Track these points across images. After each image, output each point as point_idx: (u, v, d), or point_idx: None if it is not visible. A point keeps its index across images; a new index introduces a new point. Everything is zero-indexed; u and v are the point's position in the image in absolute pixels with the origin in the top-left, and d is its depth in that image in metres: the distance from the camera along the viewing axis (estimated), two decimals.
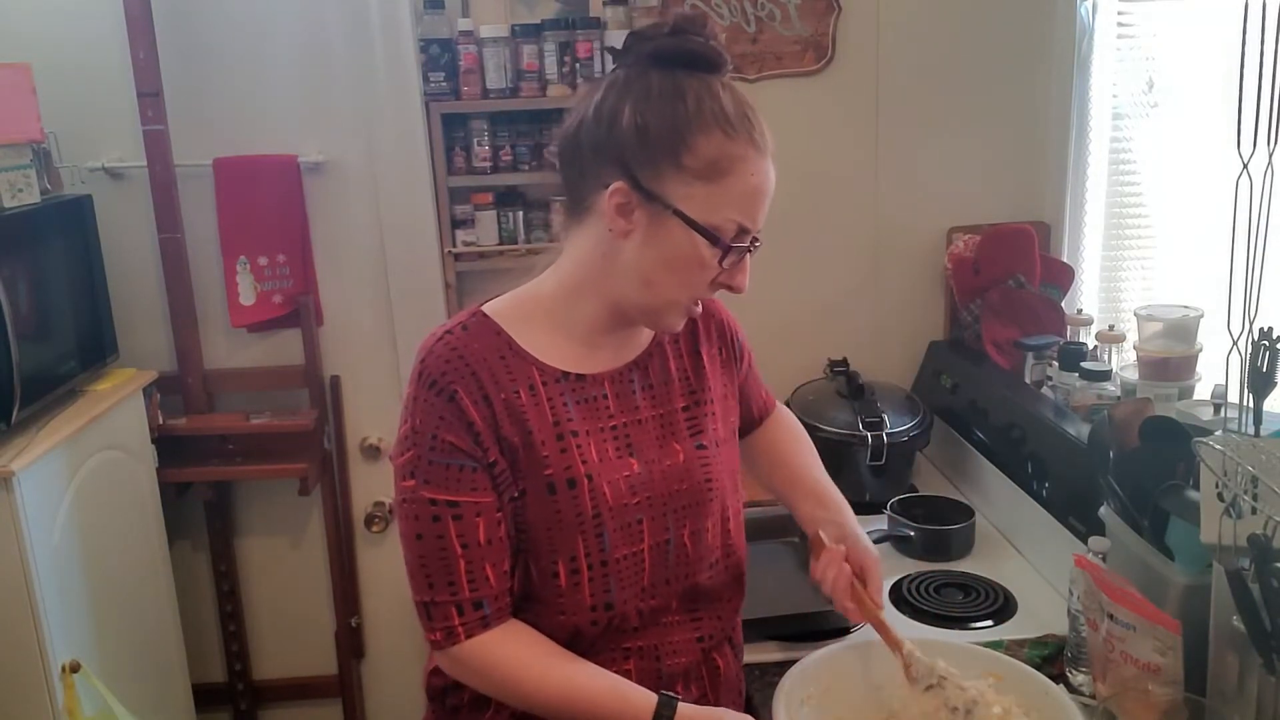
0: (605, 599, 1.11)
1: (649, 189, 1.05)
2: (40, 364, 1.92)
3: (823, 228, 2.35)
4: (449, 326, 1.11)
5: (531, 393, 1.09)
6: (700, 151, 1.03)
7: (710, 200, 1.05)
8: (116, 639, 2.04)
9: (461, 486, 1.06)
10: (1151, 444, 1.35)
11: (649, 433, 1.16)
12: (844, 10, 2.24)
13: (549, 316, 1.13)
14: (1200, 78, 2.08)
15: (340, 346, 2.37)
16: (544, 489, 1.08)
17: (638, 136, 1.04)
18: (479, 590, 1.07)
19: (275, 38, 2.21)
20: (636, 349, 1.19)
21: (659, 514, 1.14)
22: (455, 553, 1.06)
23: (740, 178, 1.05)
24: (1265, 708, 1.09)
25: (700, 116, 1.04)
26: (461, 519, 1.06)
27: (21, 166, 1.94)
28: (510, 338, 1.10)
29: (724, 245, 1.06)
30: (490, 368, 1.08)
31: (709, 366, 1.24)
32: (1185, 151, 2.14)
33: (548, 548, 1.09)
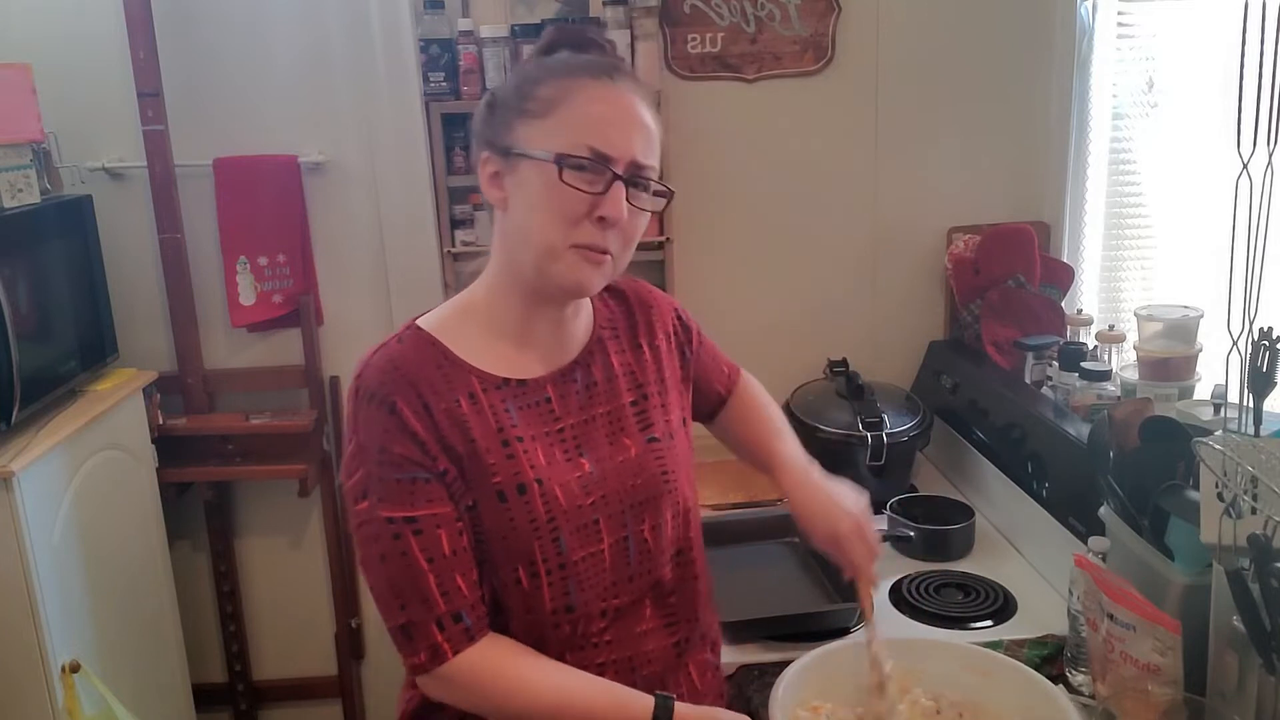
0: (565, 601, 1.10)
1: (502, 145, 1.07)
2: (40, 364, 1.92)
3: (823, 228, 2.35)
4: (383, 342, 1.10)
5: (472, 401, 1.07)
6: (540, 95, 1.06)
7: (552, 130, 1.04)
8: (116, 639, 2.04)
9: (417, 499, 1.03)
10: (1151, 444, 1.35)
11: (599, 431, 1.14)
12: (844, 10, 2.24)
13: (483, 323, 1.12)
14: (1200, 78, 2.08)
15: (340, 346, 2.37)
16: (494, 497, 1.06)
17: (491, 106, 1.10)
18: (454, 602, 1.04)
19: (275, 38, 2.21)
20: (575, 348, 1.17)
21: (615, 512, 1.12)
22: (422, 569, 1.03)
23: (577, 104, 1.04)
24: (1265, 708, 1.09)
25: (539, 71, 1.08)
26: (423, 534, 1.03)
27: (21, 166, 1.94)
28: (445, 348, 1.09)
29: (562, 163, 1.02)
30: (428, 378, 1.06)
31: (652, 357, 1.22)
32: (1185, 151, 2.13)
33: (505, 555, 1.07)
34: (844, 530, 1.20)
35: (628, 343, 1.21)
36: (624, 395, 1.18)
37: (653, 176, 1.08)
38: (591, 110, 1.05)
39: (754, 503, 2.01)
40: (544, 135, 1.04)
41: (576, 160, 1.03)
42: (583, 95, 1.05)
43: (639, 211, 1.08)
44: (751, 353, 2.35)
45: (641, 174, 1.07)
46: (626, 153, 1.05)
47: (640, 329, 1.23)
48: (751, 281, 2.37)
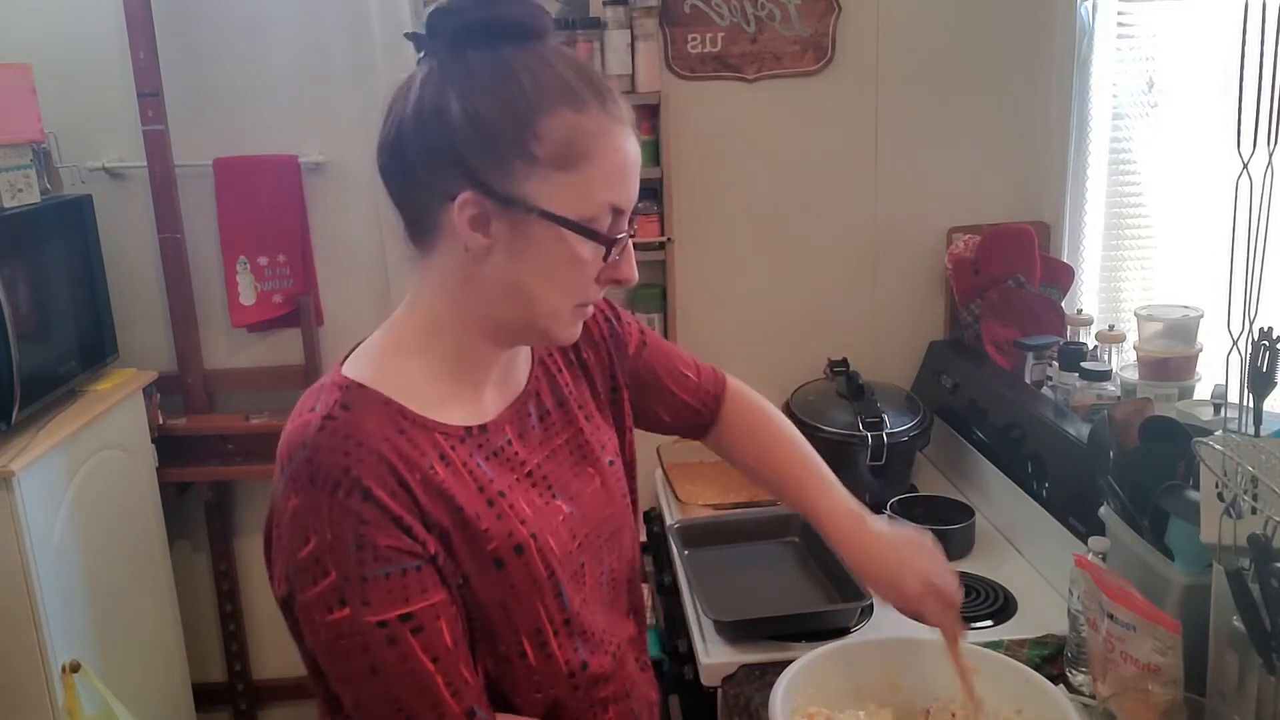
0: (580, 659, 0.99)
1: (503, 192, 0.88)
2: (40, 364, 1.92)
3: (822, 228, 2.35)
4: (324, 410, 0.89)
5: (445, 463, 0.91)
6: (549, 135, 0.88)
7: (576, 189, 0.89)
8: (116, 639, 2.04)
9: (411, 593, 0.86)
10: (1151, 444, 1.35)
11: (562, 464, 1.03)
12: (844, 10, 2.24)
13: (425, 364, 0.96)
14: (1200, 78, 2.08)
15: (340, 346, 2.33)
16: (490, 565, 0.92)
17: (473, 131, 0.88)
18: (464, 699, 0.89)
19: (275, 38, 2.21)
20: (522, 379, 1.04)
21: (595, 549, 1.03)
22: (428, 671, 0.87)
23: (603, 156, 0.90)
24: (1265, 708, 1.09)
25: (540, 94, 0.88)
26: (424, 630, 0.87)
27: (21, 166, 1.94)
28: (400, 405, 0.91)
29: (605, 239, 0.91)
30: (393, 446, 0.88)
31: (584, 374, 1.12)
32: (1185, 151, 2.13)
33: (507, 627, 0.94)
34: (911, 592, 1.12)
35: (564, 362, 1.10)
36: (578, 420, 1.07)
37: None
38: (614, 161, 0.91)
39: (754, 503, 2.00)
40: (564, 195, 0.89)
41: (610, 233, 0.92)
42: (606, 144, 0.91)
43: None
44: (751, 353, 2.38)
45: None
46: (633, 200, 0.95)
47: (570, 347, 1.11)
48: (751, 281, 2.37)
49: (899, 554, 1.14)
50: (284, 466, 0.89)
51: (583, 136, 0.89)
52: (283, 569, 0.89)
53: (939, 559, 1.14)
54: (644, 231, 2.25)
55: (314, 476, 0.86)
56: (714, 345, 2.37)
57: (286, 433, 0.91)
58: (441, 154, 0.89)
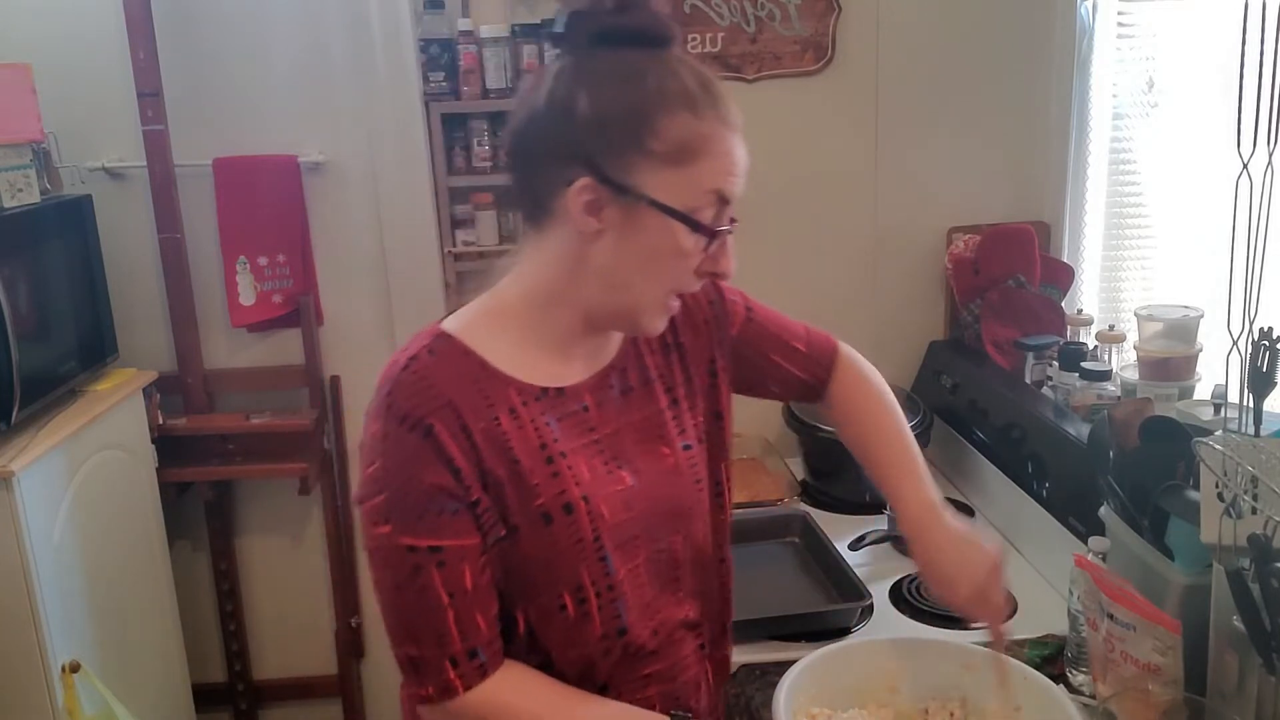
0: (617, 625, 1.05)
1: (618, 181, 0.96)
2: (40, 364, 1.92)
3: (822, 228, 2.35)
4: (412, 352, 1.00)
5: (513, 416, 1.00)
6: (667, 134, 0.96)
7: (685, 184, 0.97)
8: (116, 639, 2.04)
9: (444, 530, 0.96)
10: (1151, 444, 1.35)
11: (634, 439, 1.08)
12: (844, 10, 2.24)
13: (518, 329, 1.04)
14: (1200, 78, 2.08)
15: (340, 346, 2.38)
16: (538, 520, 0.99)
17: (597, 124, 0.96)
18: (471, 640, 0.97)
19: (275, 38, 2.21)
20: (611, 352, 1.10)
21: (653, 525, 1.08)
22: (441, 603, 0.96)
23: (713, 157, 0.98)
24: (1265, 708, 1.09)
25: (662, 96, 0.96)
26: (445, 565, 0.96)
27: (21, 166, 1.94)
28: (481, 358, 1.00)
29: (708, 230, 0.98)
30: (465, 394, 0.98)
31: (678, 357, 1.16)
32: (1185, 151, 2.13)
33: (549, 582, 1.01)
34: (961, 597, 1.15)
35: (657, 344, 1.15)
36: (659, 400, 1.12)
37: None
38: (723, 163, 0.99)
39: (755, 503, 2.01)
40: (677, 187, 0.96)
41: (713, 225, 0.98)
42: (717, 146, 0.98)
43: None
44: None
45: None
46: (737, 196, 1.01)
47: (680, 325, 1.16)
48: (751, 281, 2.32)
49: (960, 555, 1.16)
50: (375, 396, 0.99)
51: (697, 137, 0.97)
52: (359, 476, 1.00)
53: (997, 570, 1.15)
54: None
55: (390, 408, 0.96)
56: None
57: (382, 370, 1.01)
58: (566, 143, 0.97)
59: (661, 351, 1.15)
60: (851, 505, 2.03)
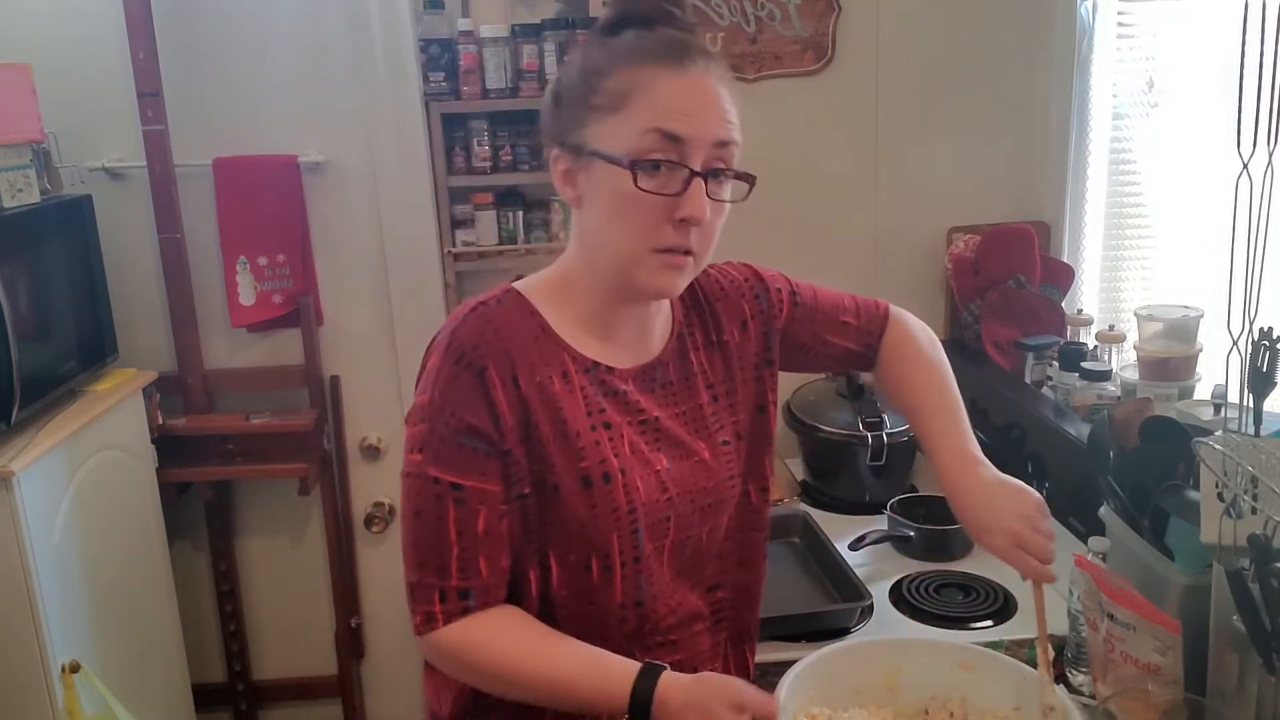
0: (636, 596, 1.08)
1: (572, 142, 1.02)
2: (40, 364, 1.92)
3: (823, 228, 2.35)
4: (482, 299, 1.05)
5: (565, 380, 1.04)
6: (607, 87, 1.00)
7: (623, 127, 0.98)
8: (116, 639, 2.04)
9: (470, 470, 1.00)
10: (1151, 444, 1.35)
11: (674, 430, 1.11)
12: (844, 10, 2.24)
13: (572, 304, 1.08)
14: (1200, 78, 2.08)
15: (340, 346, 2.38)
16: (579, 482, 1.03)
17: (558, 97, 1.05)
18: (468, 580, 1.01)
19: (275, 38, 2.21)
20: (657, 347, 1.13)
21: (684, 512, 1.10)
22: (449, 538, 1.00)
23: (649, 96, 0.98)
24: (1265, 708, 1.09)
25: (609, 56, 1.01)
26: (463, 504, 1.00)
27: (21, 166, 1.94)
28: (544, 320, 1.06)
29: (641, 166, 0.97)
30: (523, 348, 1.02)
31: (722, 355, 1.17)
32: (1185, 151, 2.13)
33: (581, 543, 1.05)
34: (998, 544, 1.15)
35: (702, 341, 1.17)
36: (700, 395, 1.15)
37: (734, 157, 1.03)
38: (661, 101, 0.98)
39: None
40: (615, 133, 0.99)
41: (651, 162, 0.98)
42: (653, 86, 0.98)
43: (719, 204, 1.04)
44: None
45: (722, 157, 1.02)
46: (704, 137, 0.99)
47: (711, 326, 1.18)
48: None
49: (996, 504, 1.16)
50: (438, 333, 1.05)
51: (633, 82, 0.99)
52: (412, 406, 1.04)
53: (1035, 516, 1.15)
54: None
55: (450, 344, 1.01)
56: None
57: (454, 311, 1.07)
58: (545, 125, 1.07)
59: (705, 348, 1.17)
60: (851, 505, 2.03)
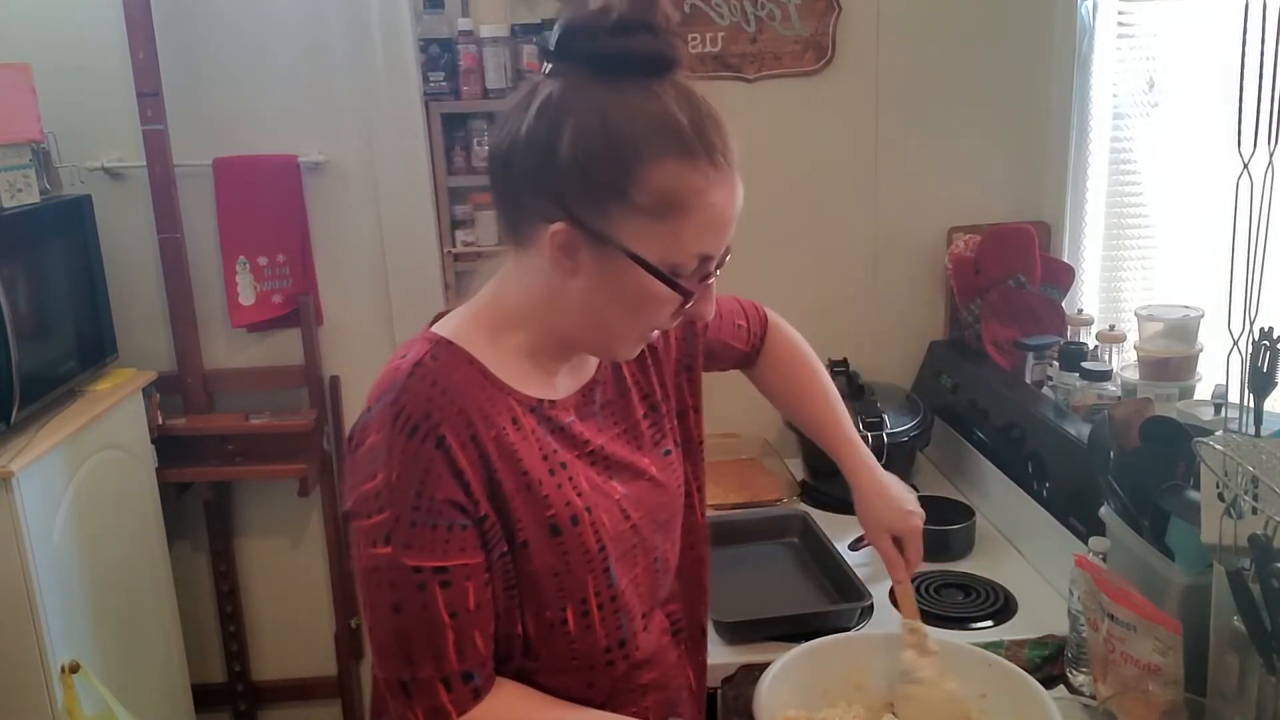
0: (619, 636, 1.03)
1: (595, 229, 0.91)
2: (40, 364, 1.92)
3: (823, 228, 2.35)
4: (415, 357, 0.94)
5: (517, 427, 0.97)
6: (651, 183, 0.89)
7: (667, 239, 0.91)
8: (116, 639, 2.04)
9: (450, 548, 0.92)
10: (1152, 444, 1.35)
11: (619, 454, 1.07)
12: (844, 10, 2.24)
13: (508, 340, 1.00)
14: (1200, 78, 2.08)
15: (340, 346, 2.37)
16: (547, 532, 0.97)
17: (577, 168, 0.89)
18: (467, 661, 0.94)
19: (275, 38, 2.21)
20: (591, 368, 1.09)
21: (647, 534, 1.07)
22: (443, 623, 0.92)
23: (700, 210, 0.90)
24: (1265, 708, 1.09)
25: (650, 139, 0.89)
26: (451, 585, 0.92)
27: (21, 166, 1.94)
28: (483, 365, 0.97)
29: (684, 290, 0.93)
30: (474, 402, 0.93)
31: (652, 362, 1.14)
32: (1185, 151, 2.13)
33: (555, 595, 0.98)
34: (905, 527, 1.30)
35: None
36: (637, 410, 1.11)
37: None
38: (711, 215, 0.91)
39: (754, 503, 2.00)
40: (658, 242, 0.91)
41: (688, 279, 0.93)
42: (705, 199, 0.90)
43: None
44: None
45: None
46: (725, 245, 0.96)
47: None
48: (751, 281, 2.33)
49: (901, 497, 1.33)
50: (371, 406, 0.94)
51: (683, 190, 0.90)
52: (350, 493, 0.95)
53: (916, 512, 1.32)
54: None
55: (397, 417, 0.91)
56: None
57: (379, 376, 0.96)
58: (545, 182, 0.91)
59: (636, 360, 1.13)
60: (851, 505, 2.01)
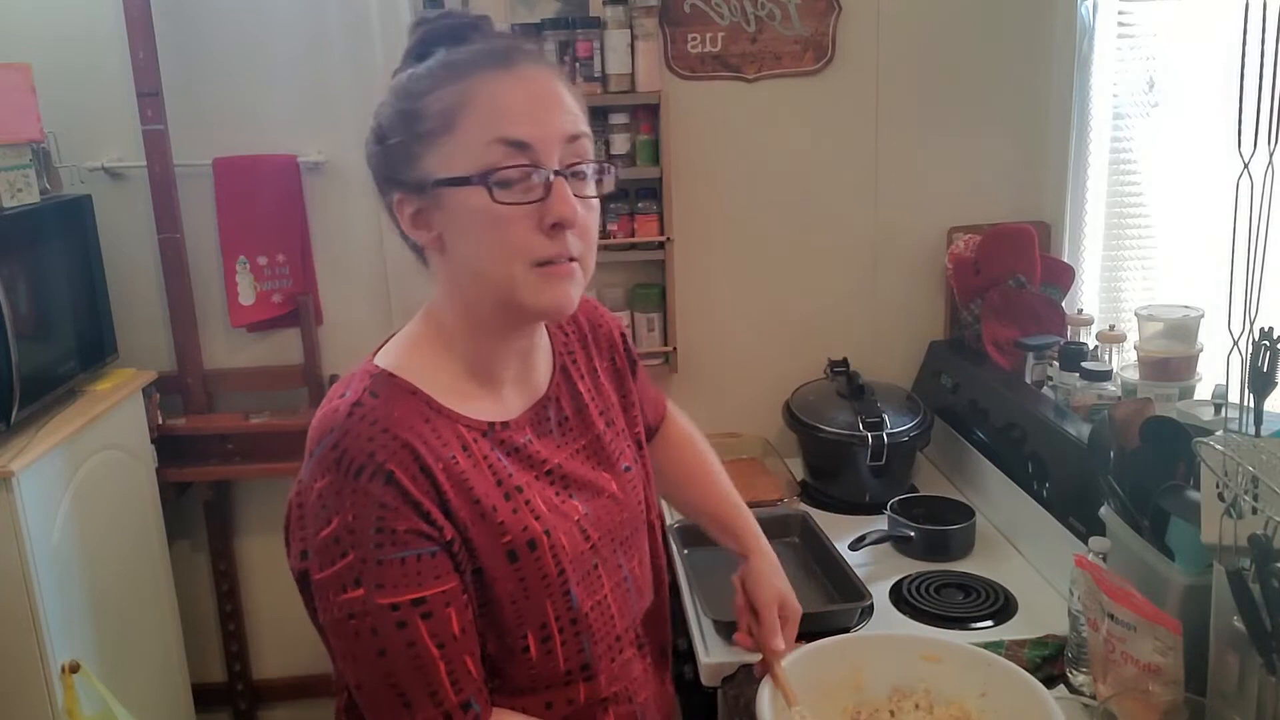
0: (580, 660, 1.01)
1: (413, 180, 0.93)
2: (40, 364, 1.92)
3: (823, 228, 2.35)
4: (354, 398, 0.92)
5: (466, 454, 0.94)
6: (430, 111, 0.91)
7: (460, 148, 0.90)
8: (116, 639, 2.04)
9: (425, 578, 0.89)
10: (1152, 444, 1.35)
11: (579, 468, 1.05)
12: (844, 10, 2.24)
13: (449, 361, 0.99)
14: (1200, 78, 2.08)
15: (340, 346, 2.37)
16: (504, 558, 0.94)
17: (382, 137, 0.95)
18: (464, 689, 0.91)
19: (275, 37, 2.21)
20: (544, 382, 1.07)
21: (609, 554, 1.05)
22: (432, 657, 0.89)
23: (480, 103, 0.90)
24: (1265, 708, 1.09)
25: (424, 81, 0.93)
26: (432, 616, 0.89)
27: (21, 166, 1.94)
28: (427, 395, 0.95)
29: (494, 181, 0.89)
30: (420, 435, 0.91)
31: (607, 380, 1.15)
32: (1185, 151, 2.13)
33: (514, 621, 0.96)
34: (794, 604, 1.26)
35: (586, 369, 1.12)
36: (596, 424, 1.09)
37: (588, 150, 0.95)
38: (497, 106, 0.90)
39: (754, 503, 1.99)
40: (456, 155, 0.90)
41: (504, 171, 0.89)
42: (483, 93, 0.91)
43: (590, 202, 0.95)
44: (751, 353, 2.38)
45: (576, 152, 0.94)
46: (552, 135, 0.91)
47: (594, 352, 1.15)
48: (752, 281, 2.37)
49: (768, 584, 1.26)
50: (312, 450, 0.91)
51: (463, 94, 0.91)
52: (302, 546, 0.92)
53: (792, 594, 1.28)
54: (644, 231, 2.24)
55: (340, 460, 0.88)
56: (714, 345, 2.37)
57: (317, 417, 0.93)
58: (376, 171, 0.97)
59: (590, 376, 1.12)
60: (851, 505, 2.03)
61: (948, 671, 1.22)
